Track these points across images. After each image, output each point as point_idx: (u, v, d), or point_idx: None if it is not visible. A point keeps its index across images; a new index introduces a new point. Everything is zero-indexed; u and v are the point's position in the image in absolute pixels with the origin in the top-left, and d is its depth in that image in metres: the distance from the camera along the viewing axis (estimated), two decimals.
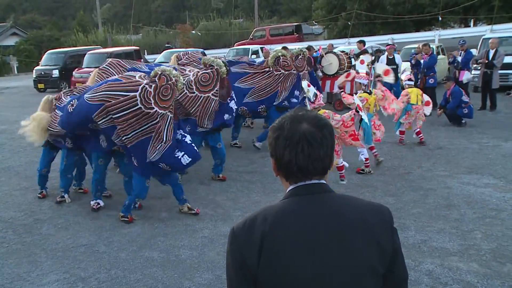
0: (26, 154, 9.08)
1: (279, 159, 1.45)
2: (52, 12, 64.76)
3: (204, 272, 4.23)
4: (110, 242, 4.99)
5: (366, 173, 6.82)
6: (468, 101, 9.83)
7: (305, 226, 1.38)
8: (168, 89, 5.05)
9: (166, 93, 5.03)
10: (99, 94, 5.10)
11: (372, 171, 6.86)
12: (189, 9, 58.10)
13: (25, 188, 6.99)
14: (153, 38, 38.66)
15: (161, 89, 5.00)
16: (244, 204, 5.92)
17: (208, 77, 6.10)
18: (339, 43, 23.54)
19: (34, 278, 4.29)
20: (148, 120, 4.98)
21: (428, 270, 4.06)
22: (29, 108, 15.44)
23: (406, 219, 5.17)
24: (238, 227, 1.44)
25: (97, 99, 5.08)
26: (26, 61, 35.24)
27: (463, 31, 22.76)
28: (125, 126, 4.96)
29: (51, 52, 23.17)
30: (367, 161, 6.84)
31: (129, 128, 4.97)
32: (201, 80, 6.09)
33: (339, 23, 30.10)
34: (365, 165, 6.85)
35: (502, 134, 8.88)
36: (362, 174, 6.79)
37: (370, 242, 1.38)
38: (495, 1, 22.89)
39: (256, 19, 37.43)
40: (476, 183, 6.26)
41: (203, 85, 6.11)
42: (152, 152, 5.07)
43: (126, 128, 4.98)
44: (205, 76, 6.11)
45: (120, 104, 4.93)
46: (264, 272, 1.36)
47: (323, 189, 1.45)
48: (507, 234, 4.68)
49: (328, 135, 1.44)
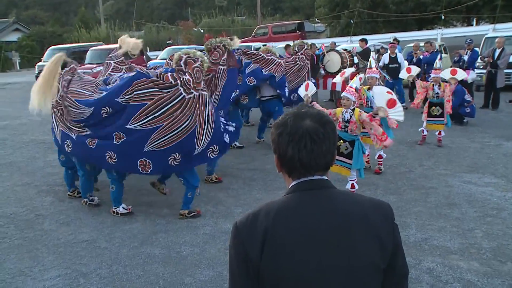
0: (28, 149, 9.10)
1: (282, 155, 1.47)
2: (55, 8, 64.73)
3: (205, 269, 4.24)
4: (112, 238, 5.00)
5: (366, 168, 6.78)
6: (471, 100, 9.82)
7: (308, 221, 1.40)
8: (199, 71, 5.14)
9: (198, 76, 5.11)
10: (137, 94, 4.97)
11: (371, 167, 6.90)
12: (192, 6, 58.04)
13: (27, 183, 7.01)
14: (155, 35, 38.64)
15: (195, 72, 5.08)
16: (245, 201, 5.93)
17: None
18: (341, 41, 23.53)
19: (35, 273, 4.31)
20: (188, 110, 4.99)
21: (428, 268, 4.07)
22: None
23: (407, 217, 5.18)
24: (241, 222, 1.46)
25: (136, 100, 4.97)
26: (28, 57, 35.31)
27: (466, 30, 22.76)
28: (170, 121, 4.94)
29: (54, 48, 23.14)
30: (367, 156, 6.86)
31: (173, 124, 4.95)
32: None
33: (341, 21, 30.08)
34: (366, 161, 6.86)
35: (504, 133, 8.88)
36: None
37: (371, 237, 1.40)
38: (498, 0, 22.86)
39: (259, 16, 37.45)
40: (477, 182, 6.26)
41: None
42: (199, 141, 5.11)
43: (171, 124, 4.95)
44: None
45: (162, 99, 4.93)
46: (266, 266, 1.37)
47: (325, 185, 1.48)
48: (508, 233, 4.68)
49: (330, 131, 1.46)
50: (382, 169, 6.86)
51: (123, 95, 5.04)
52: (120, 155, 5.13)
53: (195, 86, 5.04)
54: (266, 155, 7.89)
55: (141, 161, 5.08)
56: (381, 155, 6.83)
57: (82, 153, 5.49)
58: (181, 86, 4.99)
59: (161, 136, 4.96)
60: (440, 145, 8.14)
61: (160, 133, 4.96)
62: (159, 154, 5.03)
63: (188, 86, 5.00)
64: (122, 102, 5.05)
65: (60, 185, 6.81)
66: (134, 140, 5.03)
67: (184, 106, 4.98)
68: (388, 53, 12.47)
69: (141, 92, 4.97)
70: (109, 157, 5.17)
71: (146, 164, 5.09)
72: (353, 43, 20.18)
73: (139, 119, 4.96)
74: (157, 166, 5.12)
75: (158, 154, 5.03)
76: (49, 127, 11.31)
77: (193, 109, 5.01)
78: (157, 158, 5.05)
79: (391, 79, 12.12)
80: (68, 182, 6.38)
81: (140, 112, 4.94)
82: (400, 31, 24.99)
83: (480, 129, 9.39)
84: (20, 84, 23.43)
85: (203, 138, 5.11)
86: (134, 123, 4.98)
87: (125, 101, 5.03)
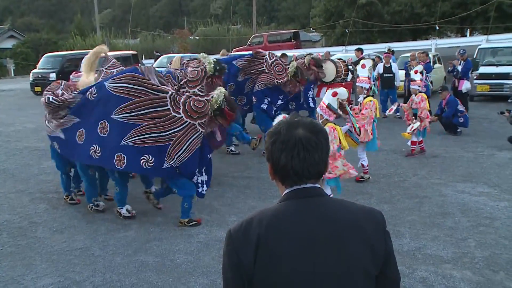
0: (22, 156, 9.06)
1: (276, 163, 1.49)
2: (50, 15, 64.74)
3: (199, 277, 4.23)
4: (105, 246, 4.98)
5: (365, 180, 6.83)
6: (464, 111, 9.91)
7: (300, 228, 1.42)
8: (201, 104, 4.98)
9: (199, 106, 4.98)
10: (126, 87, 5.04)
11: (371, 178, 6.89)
12: (187, 14, 58.27)
13: (21, 191, 6.97)
14: (151, 43, 38.71)
15: (193, 101, 4.97)
16: (240, 209, 5.93)
17: (195, 74, 6.13)
18: (336, 50, 23.70)
19: (28, 281, 4.28)
20: (172, 125, 4.99)
21: (422, 277, 4.08)
22: (25, 111, 15.49)
23: (401, 226, 5.20)
24: (234, 229, 1.48)
25: (123, 92, 5.05)
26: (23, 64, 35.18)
27: (460, 41, 22.96)
28: (151, 123, 4.99)
29: (49, 55, 23.13)
30: (366, 167, 6.86)
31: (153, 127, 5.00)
32: (190, 76, 6.15)
33: (336, 30, 30.24)
34: (364, 171, 6.87)
35: (497, 143, 8.94)
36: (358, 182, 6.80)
37: (363, 244, 1.42)
38: (491, 12, 23.12)
39: (254, 25, 37.64)
40: (470, 191, 6.29)
41: (191, 80, 6.14)
42: (168, 160, 5.07)
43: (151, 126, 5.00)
44: (193, 72, 6.15)
45: (150, 101, 4.96)
46: (259, 273, 1.39)
47: (317, 193, 1.50)
48: (501, 243, 4.71)
49: (323, 140, 1.49)
50: (364, 177, 6.89)
51: (112, 81, 5.16)
52: (103, 149, 5.22)
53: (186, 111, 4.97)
54: (261, 164, 7.90)
55: (117, 155, 5.13)
56: (363, 164, 6.87)
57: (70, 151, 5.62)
58: (170, 99, 4.99)
59: (139, 133, 5.04)
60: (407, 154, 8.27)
61: (139, 130, 5.04)
62: (134, 151, 5.08)
63: (177, 103, 4.99)
64: (108, 87, 5.13)
65: (54, 192, 6.78)
66: (115, 133, 5.13)
67: (168, 118, 5.00)
68: (382, 62, 12.56)
69: (130, 87, 5.05)
70: (93, 151, 5.26)
71: (121, 159, 5.13)
72: (348, 52, 20.30)
73: (123, 111, 5.05)
74: (130, 163, 5.14)
75: (133, 151, 5.09)
76: (43, 133, 11.32)
77: (175, 125, 5.01)
78: (132, 155, 5.10)
79: (386, 89, 12.21)
80: (63, 187, 6.43)
81: (126, 105, 5.04)
82: (394, 41, 25.16)
83: (474, 139, 9.46)
84: (14, 91, 23.35)
85: (173, 158, 5.07)
86: (118, 113, 5.07)
87: (112, 88, 5.11)
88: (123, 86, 5.07)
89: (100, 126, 5.23)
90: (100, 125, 5.23)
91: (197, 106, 4.96)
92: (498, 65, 14.33)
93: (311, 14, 33.79)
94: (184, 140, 5.03)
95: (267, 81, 8.18)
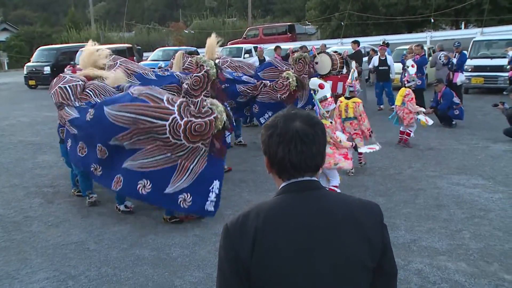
0: (16, 151, 9.02)
1: (272, 156, 1.48)
2: (44, 8, 64.21)
3: (195, 271, 4.24)
4: (101, 239, 4.97)
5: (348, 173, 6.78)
6: (459, 103, 9.93)
7: (297, 222, 1.41)
8: (202, 126, 4.79)
9: (200, 129, 4.78)
10: (126, 116, 4.83)
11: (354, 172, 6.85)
12: (183, 7, 57.91)
13: (15, 185, 6.95)
14: (146, 36, 38.51)
15: (193, 124, 4.75)
16: (235, 202, 5.93)
17: (198, 81, 5.93)
18: (332, 43, 23.67)
19: (23, 276, 4.27)
20: (175, 149, 4.85)
21: (417, 269, 4.10)
22: (19, 105, 15.41)
23: (396, 218, 5.21)
24: (231, 223, 1.47)
25: (122, 121, 4.85)
26: (17, 57, 34.99)
27: (454, 33, 23.03)
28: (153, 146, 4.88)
29: (43, 48, 23.00)
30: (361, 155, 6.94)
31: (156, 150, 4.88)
32: (193, 85, 5.94)
33: (332, 23, 30.24)
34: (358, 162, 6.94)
35: (491, 135, 8.98)
36: (352, 175, 6.81)
37: (360, 238, 1.42)
38: (485, 5, 23.18)
39: (250, 18, 37.49)
40: (465, 183, 6.32)
41: (194, 88, 5.96)
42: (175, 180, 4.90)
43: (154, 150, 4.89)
44: (196, 80, 5.95)
45: (148, 130, 4.80)
46: (257, 267, 1.39)
47: (315, 186, 1.50)
48: (495, 234, 4.73)
49: (320, 133, 1.48)
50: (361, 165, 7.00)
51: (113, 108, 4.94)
52: (104, 168, 5.20)
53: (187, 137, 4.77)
54: (256, 157, 7.90)
55: (117, 177, 5.05)
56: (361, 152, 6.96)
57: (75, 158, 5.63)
58: (169, 127, 4.75)
59: (143, 157, 4.90)
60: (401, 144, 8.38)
61: (142, 154, 4.92)
62: (132, 174, 4.95)
63: (177, 131, 4.76)
64: (107, 114, 4.93)
65: (49, 187, 6.76)
66: (116, 156, 5.04)
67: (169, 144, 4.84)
68: (378, 55, 12.56)
69: (129, 116, 4.82)
70: (93, 169, 5.27)
71: (118, 180, 5.04)
72: (344, 45, 20.29)
73: (123, 140, 4.92)
74: (126, 186, 5.00)
75: (131, 174, 4.95)
76: (37, 127, 11.28)
77: (178, 150, 4.86)
78: (129, 178, 4.97)
79: (381, 82, 12.22)
80: (72, 182, 6.44)
81: (124, 134, 4.88)
82: (390, 33, 25.20)
83: (469, 131, 9.49)
84: (8, 84, 23.22)
85: (180, 180, 4.92)
86: (117, 141, 4.96)
87: (111, 115, 4.91)
88: (123, 115, 4.86)
89: (98, 149, 5.13)
90: (98, 147, 5.12)
91: (198, 131, 4.78)
92: (492, 58, 14.36)
93: (307, 7, 33.70)
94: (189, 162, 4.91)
95: (270, 95, 8.15)
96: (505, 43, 14.12)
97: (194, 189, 4.98)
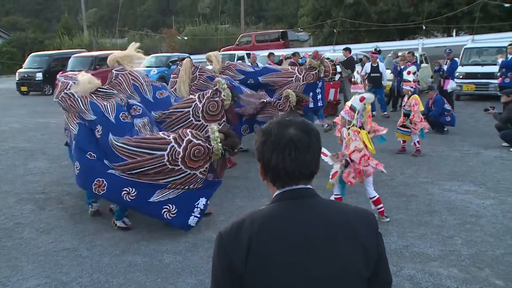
0: (8, 157, 8.95)
1: (266, 163, 1.47)
2: (36, 14, 63.93)
3: (188, 277, 4.22)
4: (93, 246, 4.94)
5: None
6: (450, 109, 10.01)
7: (292, 230, 1.40)
8: (201, 151, 4.80)
9: (199, 154, 4.81)
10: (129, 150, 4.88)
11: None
12: (175, 14, 57.99)
13: (6, 191, 6.89)
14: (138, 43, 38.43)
15: (192, 149, 4.78)
16: (228, 209, 5.92)
17: (216, 106, 5.91)
18: (324, 50, 23.74)
19: (14, 283, 4.23)
20: (171, 174, 4.86)
21: (409, 275, 4.12)
22: (12, 111, 15.31)
23: (389, 225, 5.23)
24: (225, 231, 1.46)
25: (125, 154, 4.88)
26: (9, 63, 34.78)
27: (446, 40, 23.24)
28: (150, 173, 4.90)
29: (35, 54, 22.92)
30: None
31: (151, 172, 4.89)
32: (209, 109, 5.91)
33: (324, 30, 30.40)
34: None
35: (482, 142, 9.05)
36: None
37: (355, 246, 1.41)
38: (476, 13, 23.44)
39: (242, 25, 37.63)
40: (457, 189, 6.36)
41: (211, 114, 5.94)
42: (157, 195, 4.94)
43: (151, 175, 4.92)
44: (213, 105, 5.90)
45: (146, 162, 4.81)
46: (251, 275, 1.37)
47: (309, 194, 1.48)
48: (486, 240, 4.77)
49: (315, 140, 1.47)
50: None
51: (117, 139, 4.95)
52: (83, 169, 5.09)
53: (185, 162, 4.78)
54: (249, 163, 7.90)
55: (98, 180, 4.97)
56: None
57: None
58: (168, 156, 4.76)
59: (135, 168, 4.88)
60: (415, 154, 8.23)
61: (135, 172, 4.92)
62: (117, 180, 4.93)
63: (175, 161, 4.77)
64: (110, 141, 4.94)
65: (41, 193, 6.71)
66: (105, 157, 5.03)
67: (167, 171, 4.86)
68: (370, 62, 12.64)
69: (128, 148, 4.88)
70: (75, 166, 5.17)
71: (101, 184, 4.98)
72: (336, 52, 20.39)
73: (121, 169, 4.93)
74: (110, 191, 4.96)
75: (116, 180, 4.93)
76: (29, 134, 11.21)
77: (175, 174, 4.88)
78: (114, 183, 4.94)
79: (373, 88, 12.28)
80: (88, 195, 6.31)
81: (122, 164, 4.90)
82: (382, 40, 25.35)
83: (460, 137, 9.56)
84: (0, 91, 23.06)
85: (168, 191, 4.95)
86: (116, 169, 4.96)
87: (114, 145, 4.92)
88: (122, 147, 4.90)
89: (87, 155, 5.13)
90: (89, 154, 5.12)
91: (197, 156, 4.80)
92: (483, 65, 14.52)
93: (299, 14, 33.89)
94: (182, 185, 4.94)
95: (271, 114, 8.14)
96: (496, 50, 14.27)
97: (180, 203, 4.98)
